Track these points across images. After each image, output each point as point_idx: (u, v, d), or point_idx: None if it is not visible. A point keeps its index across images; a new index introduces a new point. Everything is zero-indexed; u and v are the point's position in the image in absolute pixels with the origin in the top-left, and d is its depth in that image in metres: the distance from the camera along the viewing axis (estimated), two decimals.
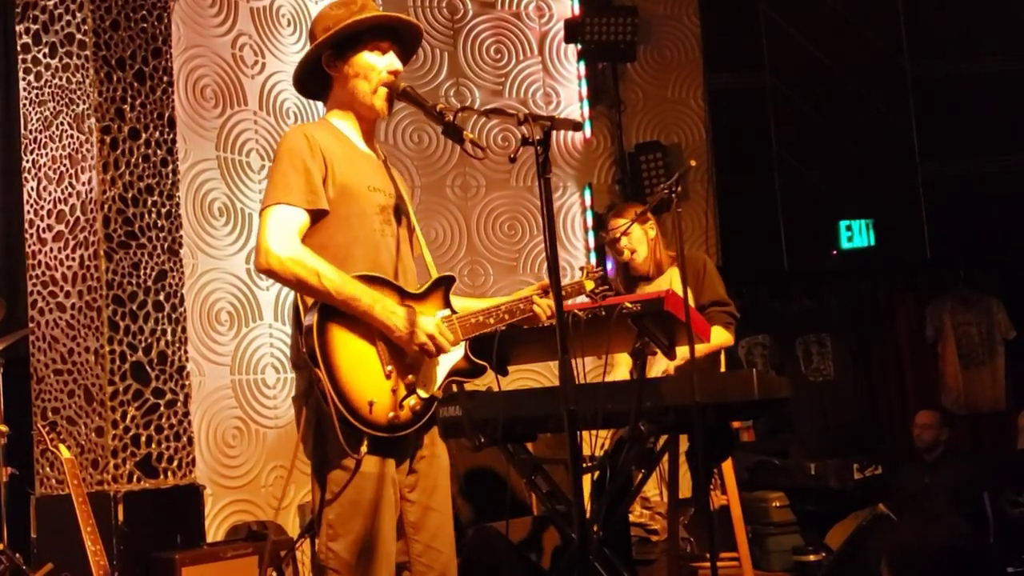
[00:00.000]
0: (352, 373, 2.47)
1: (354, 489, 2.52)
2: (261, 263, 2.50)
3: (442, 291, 2.75)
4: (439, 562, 2.69)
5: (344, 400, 2.44)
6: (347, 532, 2.53)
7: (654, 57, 7.19)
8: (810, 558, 5.11)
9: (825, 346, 7.57)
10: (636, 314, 3.23)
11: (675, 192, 3.59)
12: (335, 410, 2.43)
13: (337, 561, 2.53)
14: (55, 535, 4.42)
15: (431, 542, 2.69)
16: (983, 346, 7.35)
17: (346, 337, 2.50)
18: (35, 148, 4.84)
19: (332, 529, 2.54)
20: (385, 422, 2.51)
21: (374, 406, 2.48)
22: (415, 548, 2.67)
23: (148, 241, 4.75)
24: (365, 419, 2.47)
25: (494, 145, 6.61)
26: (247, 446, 5.28)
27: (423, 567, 2.67)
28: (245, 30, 5.63)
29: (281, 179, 2.57)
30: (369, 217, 2.66)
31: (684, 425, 3.37)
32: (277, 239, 2.50)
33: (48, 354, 4.72)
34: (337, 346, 2.47)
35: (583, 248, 6.84)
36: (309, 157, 2.59)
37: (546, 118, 2.35)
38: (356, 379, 2.47)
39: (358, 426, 2.46)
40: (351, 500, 2.52)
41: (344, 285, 2.49)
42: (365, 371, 2.50)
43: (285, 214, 2.54)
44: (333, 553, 2.53)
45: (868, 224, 7.06)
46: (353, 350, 2.50)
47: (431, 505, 2.70)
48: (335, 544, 2.53)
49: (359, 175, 2.68)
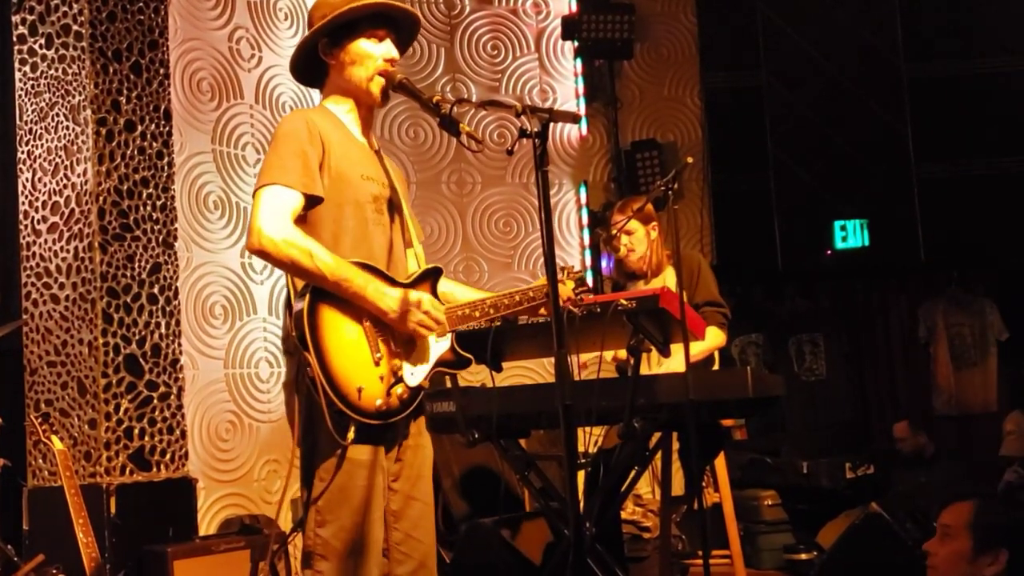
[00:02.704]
0: (342, 359, 2.47)
1: (343, 476, 2.53)
2: (253, 243, 2.48)
3: (430, 283, 2.75)
4: (419, 551, 2.70)
5: (333, 386, 2.44)
6: (335, 519, 2.53)
7: (651, 55, 7.20)
8: (801, 556, 5.13)
9: (818, 345, 7.60)
10: (631, 311, 3.23)
11: (671, 190, 3.59)
12: (324, 396, 2.43)
13: (325, 548, 2.53)
14: (47, 527, 4.42)
15: (411, 531, 2.70)
16: (975, 347, 7.37)
17: (336, 323, 2.49)
18: (30, 139, 4.83)
19: (320, 516, 2.54)
20: (374, 409, 2.51)
21: (363, 392, 2.48)
22: (395, 536, 2.67)
23: (143, 234, 4.75)
24: (354, 405, 2.47)
25: (490, 141, 6.61)
26: (240, 440, 5.28)
27: (402, 555, 2.68)
28: (242, 23, 5.62)
29: (277, 160, 2.56)
30: (362, 206, 2.66)
31: (678, 422, 3.38)
32: (270, 220, 2.48)
33: (42, 346, 4.71)
34: (327, 331, 2.47)
35: (578, 246, 6.84)
36: (307, 141, 2.58)
37: (544, 110, 2.35)
38: (345, 365, 2.47)
39: (347, 412, 2.46)
40: (340, 487, 2.53)
41: (337, 267, 2.48)
42: (354, 357, 2.50)
43: (280, 195, 2.51)
44: (321, 540, 2.54)
45: (862, 224, 7.07)
46: (343, 336, 2.50)
47: (413, 494, 2.71)
48: (323, 531, 2.54)
49: (353, 163, 2.68)
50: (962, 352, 7.38)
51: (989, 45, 7.24)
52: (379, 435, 2.58)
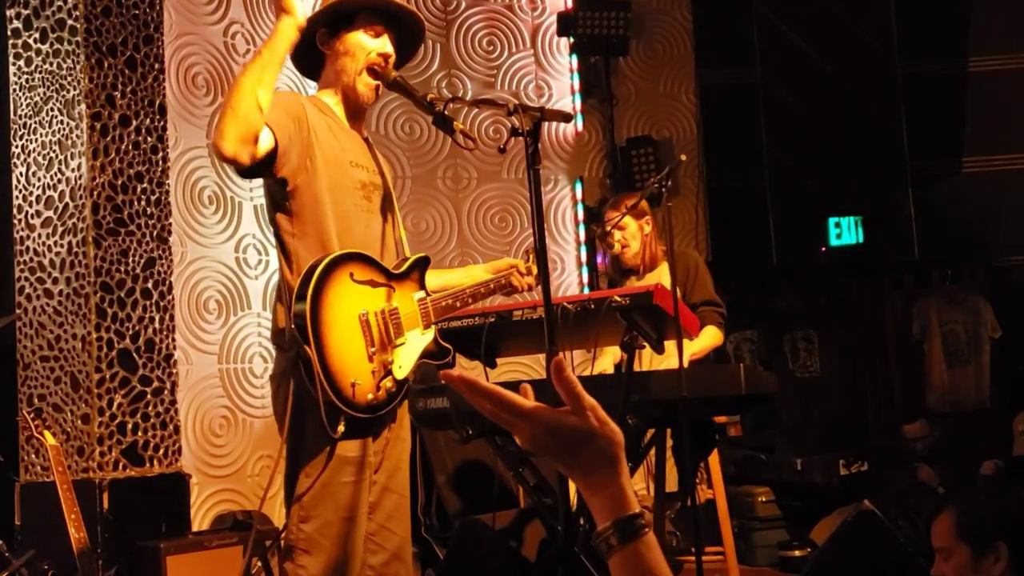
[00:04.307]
0: (339, 354, 2.48)
1: (330, 472, 2.53)
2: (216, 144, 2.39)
3: (418, 273, 2.76)
4: (392, 542, 2.70)
5: (330, 381, 2.45)
6: (319, 515, 2.53)
7: (646, 52, 7.20)
8: (795, 553, 5.14)
9: (812, 342, 7.60)
10: (624, 307, 3.23)
11: (665, 186, 3.60)
12: (322, 391, 2.43)
13: (308, 542, 2.54)
14: (39, 522, 4.41)
15: (386, 522, 2.70)
16: (969, 345, 7.38)
17: (336, 318, 2.50)
18: (24, 133, 4.82)
19: (304, 511, 2.54)
20: (365, 403, 2.52)
21: (356, 387, 2.49)
22: (369, 527, 2.68)
23: (137, 229, 4.74)
24: (348, 400, 2.48)
25: (485, 137, 6.60)
26: (234, 435, 5.28)
27: (375, 546, 2.68)
28: (237, 18, 5.61)
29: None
30: (350, 191, 2.66)
31: (671, 419, 3.38)
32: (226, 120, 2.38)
33: (35, 340, 4.70)
34: (327, 328, 2.48)
35: (574, 241, 6.84)
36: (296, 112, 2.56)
37: (536, 109, 2.35)
38: (342, 360, 2.48)
39: (341, 407, 2.46)
40: (324, 482, 2.53)
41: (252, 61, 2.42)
42: (351, 352, 2.51)
43: None
44: (304, 534, 2.54)
45: (857, 221, 7.08)
46: (343, 331, 2.50)
47: (390, 486, 2.72)
48: (306, 525, 2.54)
49: (342, 149, 2.68)
50: (955, 349, 7.39)
51: (983, 44, 7.25)
52: (366, 428, 2.59)
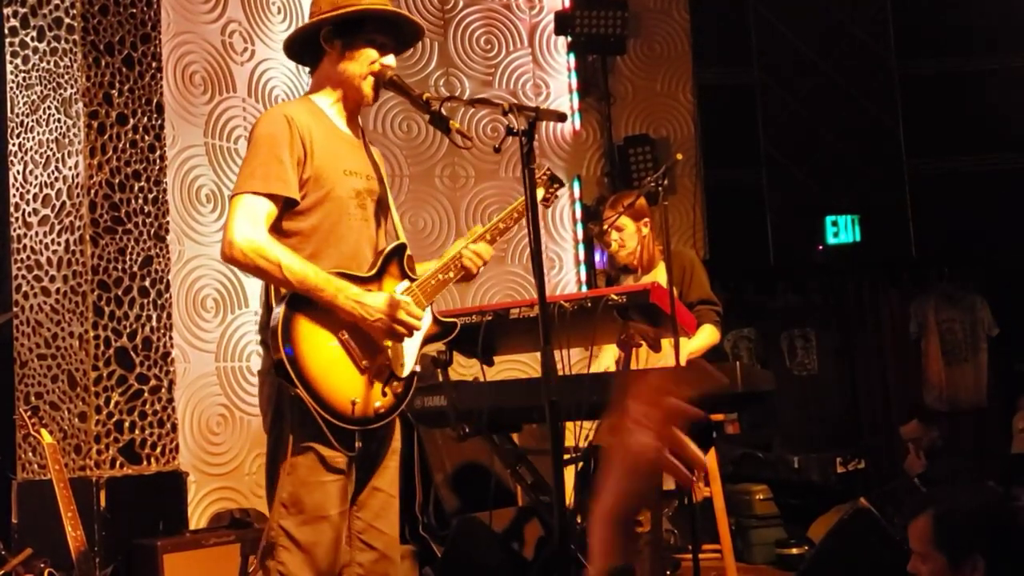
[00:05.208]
0: (329, 380, 2.48)
1: (308, 469, 2.54)
2: (225, 253, 2.53)
3: (396, 262, 2.74)
4: (380, 541, 2.71)
5: (330, 410, 2.46)
6: (299, 512, 2.54)
7: (644, 51, 7.20)
8: (792, 551, 5.15)
9: (809, 340, 7.61)
10: (621, 306, 3.24)
11: (661, 185, 3.60)
12: (322, 421, 2.45)
13: (288, 539, 2.54)
14: (36, 521, 4.41)
15: (373, 521, 2.71)
16: (966, 343, 7.39)
17: (316, 350, 2.50)
18: (22, 132, 4.82)
19: (285, 508, 2.55)
20: (372, 414, 2.53)
21: (357, 405, 2.50)
22: (356, 525, 2.68)
23: (134, 227, 4.74)
24: (352, 419, 2.50)
25: (483, 135, 6.60)
26: (231, 433, 5.28)
27: (363, 545, 2.69)
28: (235, 17, 5.61)
29: (250, 167, 2.57)
30: (344, 202, 2.66)
31: None
32: (242, 230, 2.50)
33: (32, 338, 4.70)
34: (310, 364, 2.48)
35: (571, 239, 6.84)
36: (286, 143, 2.58)
37: (531, 109, 2.36)
38: (334, 384, 2.49)
39: (348, 428, 2.48)
40: (303, 480, 2.53)
41: (306, 276, 2.50)
42: (340, 373, 2.51)
43: (252, 204, 2.54)
44: (284, 531, 2.54)
45: (854, 220, 7.09)
46: (324, 356, 2.51)
47: (378, 485, 2.72)
48: (286, 522, 2.54)
49: (337, 158, 2.68)
50: (953, 348, 7.40)
51: (980, 42, 7.26)
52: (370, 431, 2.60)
